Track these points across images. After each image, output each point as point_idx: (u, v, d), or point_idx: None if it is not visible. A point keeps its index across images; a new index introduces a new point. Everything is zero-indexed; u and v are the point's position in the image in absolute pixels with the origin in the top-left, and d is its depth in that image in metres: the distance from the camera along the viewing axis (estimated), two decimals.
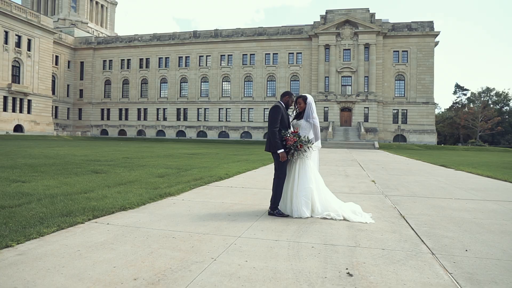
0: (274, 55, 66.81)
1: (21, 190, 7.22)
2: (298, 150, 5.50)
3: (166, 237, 4.29)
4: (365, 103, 59.77)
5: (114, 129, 73.30)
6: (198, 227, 4.75)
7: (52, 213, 5.22)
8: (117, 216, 5.36)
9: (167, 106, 71.15)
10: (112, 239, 4.16)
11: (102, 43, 75.58)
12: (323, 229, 4.78)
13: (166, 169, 12.15)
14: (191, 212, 5.71)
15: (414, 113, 60.15)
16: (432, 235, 4.55)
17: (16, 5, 58.84)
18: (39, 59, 62.12)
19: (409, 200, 7.33)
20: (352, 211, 5.50)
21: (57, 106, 71.00)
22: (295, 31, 65.78)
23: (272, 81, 67.01)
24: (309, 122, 5.69)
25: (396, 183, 10.04)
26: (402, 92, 61.44)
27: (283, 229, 4.74)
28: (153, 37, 72.94)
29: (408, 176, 12.33)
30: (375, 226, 4.98)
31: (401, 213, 5.90)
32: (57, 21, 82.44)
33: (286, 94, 5.85)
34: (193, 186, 8.47)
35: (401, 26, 61.70)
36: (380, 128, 59.80)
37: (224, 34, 69.14)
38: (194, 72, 70.18)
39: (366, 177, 11.62)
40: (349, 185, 9.48)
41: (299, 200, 5.45)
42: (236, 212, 5.77)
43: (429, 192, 8.46)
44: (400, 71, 61.12)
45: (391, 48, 61.29)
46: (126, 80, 73.81)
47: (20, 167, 11.30)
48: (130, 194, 7.00)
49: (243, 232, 4.54)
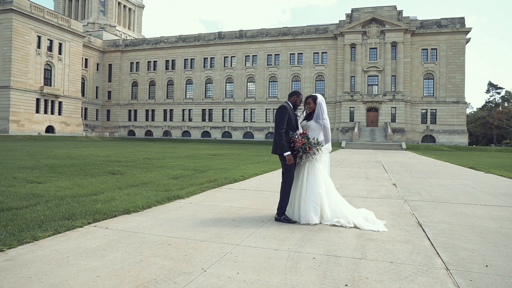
0: (299, 55, 66.24)
1: (34, 191, 7.25)
2: (307, 153, 5.20)
3: (161, 243, 4.10)
4: (392, 103, 58.28)
5: (141, 130, 74.67)
6: (197, 233, 4.54)
7: (54, 216, 5.15)
8: (118, 220, 5.23)
9: (193, 107, 71.84)
10: (106, 245, 4.00)
11: (129, 45, 77.19)
12: (329, 237, 4.46)
13: (183, 171, 12.06)
14: (195, 217, 5.51)
15: (443, 113, 58.14)
16: (450, 247, 4.15)
17: (48, 11, 60.89)
18: (70, 62, 64.07)
19: (429, 205, 6.87)
20: (364, 218, 5.15)
21: (87, 107, 73.03)
22: (320, 30, 64.96)
23: (297, 81, 66.42)
24: (319, 123, 5.38)
25: (418, 187, 9.52)
26: (431, 91, 59.52)
27: (287, 236, 4.46)
28: (178, 39, 73.83)
29: (432, 179, 11.73)
30: (387, 235, 4.61)
31: (418, 221, 5.49)
32: (86, 25, 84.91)
33: (293, 94, 5.56)
34: (204, 189, 8.30)
35: (430, 23, 59.78)
36: (408, 129, 58.14)
37: (249, 35, 69.13)
38: (219, 73, 70.52)
39: (388, 180, 11.13)
40: (367, 189, 9.05)
41: (307, 205, 5.15)
42: (242, 217, 5.53)
43: (453, 197, 7.93)
44: (429, 69, 59.24)
45: (419, 46, 59.50)
46: (153, 82, 75.05)
47: (40, 168, 11.49)
48: (138, 197, 6.89)
49: (243, 239, 4.29)
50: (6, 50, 55.06)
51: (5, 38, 55.13)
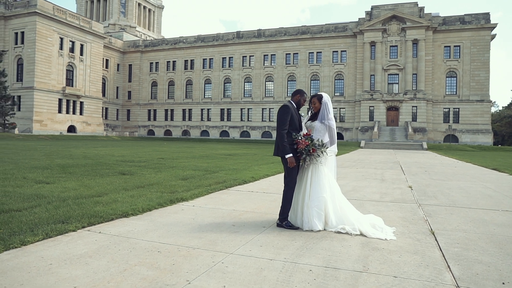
0: (317, 53, 65.52)
1: (39, 192, 7.20)
2: (311, 155, 4.91)
3: (151, 250, 3.90)
4: (413, 102, 56.92)
5: (160, 130, 75.42)
6: (191, 240, 4.32)
7: (50, 219, 5.02)
8: (114, 223, 5.07)
9: (211, 107, 72.08)
10: (93, 252, 3.82)
11: (149, 46, 78.07)
12: (332, 246, 4.16)
13: (193, 171, 11.91)
14: (194, 221, 5.30)
15: (467, 112, 56.39)
16: (463, 259, 3.79)
17: (71, 13, 62.18)
18: (91, 63, 65.25)
19: (445, 211, 6.45)
20: (372, 225, 4.82)
21: (107, 107, 74.26)
22: (339, 28, 64.05)
23: (316, 80, 65.74)
24: (324, 124, 5.08)
25: (435, 190, 9.06)
26: (454, 90, 57.84)
27: (286, 245, 4.18)
28: (197, 39, 74.18)
29: (451, 181, 11.20)
30: (395, 245, 4.28)
31: (431, 228, 5.12)
32: (107, 26, 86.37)
33: (297, 92, 5.27)
34: (211, 191, 8.10)
35: (453, 19, 58.06)
36: (430, 128, 56.67)
37: (267, 34, 68.82)
38: (238, 72, 70.50)
39: (404, 182, 10.67)
40: (381, 192, 8.66)
41: (311, 211, 4.86)
42: (243, 222, 5.28)
43: (472, 202, 7.47)
44: (451, 67, 57.57)
45: (441, 43, 57.89)
46: (172, 82, 75.70)
47: (52, 168, 11.53)
48: (141, 199, 6.73)
49: (238, 247, 4.04)
50: (30, 52, 56.51)
51: (29, 40, 56.58)
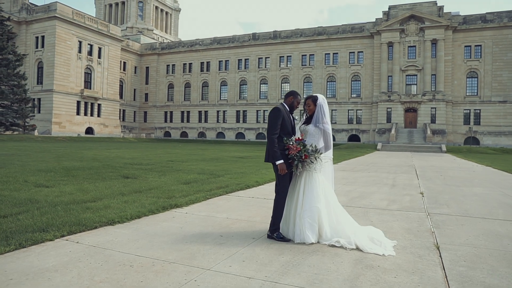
0: (334, 55, 64.73)
1: (33, 197, 7.04)
2: (303, 162, 4.55)
3: (124, 264, 3.61)
4: (432, 103, 55.54)
5: (176, 131, 75.86)
6: (171, 252, 4.01)
7: (31, 226, 4.80)
8: (97, 232, 4.81)
9: (227, 109, 72.10)
10: (62, 265, 3.56)
11: (165, 48, 78.72)
12: (321, 263, 3.79)
13: (198, 175, 11.65)
14: (181, 231, 5.00)
15: (488, 113, 54.63)
16: (468, 281, 3.37)
17: (89, 17, 63.22)
18: (108, 66, 66.16)
19: (456, 221, 5.97)
20: (370, 238, 4.42)
21: (124, 109, 75.15)
22: (356, 29, 63.15)
23: (332, 82, 64.96)
24: (319, 128, 4.70)
25: (448, 197, 8.53)
26: (475, 91, 56.15)
27: (271, 260, 3.83)
28: (213, 41, 74.37)
29: (467, 187, 10.60)
30: (392, 262, 3.87)
31: (436, 242, 4.67)
32: (125, 30, 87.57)
33: (290, 94, 4.92)
34: (210, 196, 7.80)
35: (474, 18, 56.42)
36: (449, 130, 55.17)
37: (283, 35, 68.43)
38: (253, 74, 70.32)
39: (416, 188, 10.14)
40: (389, 198, 8.20)
41: (303, 222, 4.49)
42: (232, 232, 4.96)
43: (487, 211, 6.94)
44: (472, 67, 55.93)
45: (462, 43, 56.32)
46: (188, 84, 76.09)
47: (56, 171, 11.45)
48: (134, 205, 6.48)
49: (218, 262, 3.71)
50: (50, 55, 57.66)
51: (49, 44, 57.75)
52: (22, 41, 59.94)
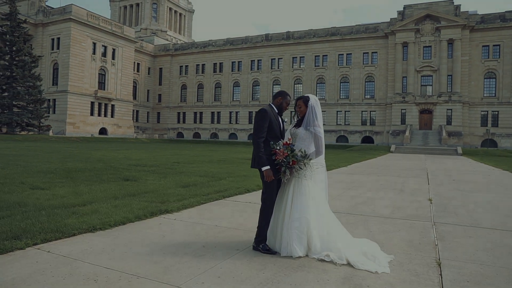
0: (347, 55, 63.91)
1: (23, 200, 6.84)
2: (291, 168, 4.20)
3: (88, 278, 3.32)
4: (447, 104, 54.25)
5: (189, 132, 76.04)
6: (144, 265, 3.71)
7: (5, 233, 4.55)
8: (73, 240, 4.54)
9: (239, 110, 71.93)
10: (22, 279, 3.29)
11: (179, 49, 79.04)
12: (305, 281, 3.43)
13: (199, 177, 11.37)
14: (163, 239, 4.70)
15: (507, 115, 53.04)
16: None
17: (104, 19, 63.87)
18: (122, 67, 66.72)
19: (463, 232, 5.52)
20: (363, 253, 4.03)
21: (138, 110, 75.69)
22: (370, 29, 62.22)
23: (346, 83, 64.13)
24: (310, 131, 4.33)
25: (458, 204, 8.04)
26: (493, 92, 54.63)
27: (249, 276, 3.49)
28: (226, 42, 74.34)
29: (480, 193, 10.05)
30: (385, 281, 3.48)
31: (438, 257, 4.24)
32: (139, 31, 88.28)
33: (279, 94, 4.57)
34: (205, 201, 7.50)
35: (492, 17, 54.90)
36: (466, 132, 53.80)
37: (296, 36, 67.93)
38: (266, 75, 69.99)
39: (425, 193, 9.65)
40: (395, 205, 7.76)
41: (291, 233, 4.12)
42: (217, 242, 4.63)
43: (500, 221, 6.44)
44: (490, 68, 54.42)
45: (479, 42, 54.86)
46: (201, 85, 76.22)
47: (57, 172, 11.31)
48: (123, 210, 6.21)
49: (190, 278, 3.39)
50: (65, 57, 58.42)
51: (64, 46, 58.53)
52: (39, 43, 60.88)
